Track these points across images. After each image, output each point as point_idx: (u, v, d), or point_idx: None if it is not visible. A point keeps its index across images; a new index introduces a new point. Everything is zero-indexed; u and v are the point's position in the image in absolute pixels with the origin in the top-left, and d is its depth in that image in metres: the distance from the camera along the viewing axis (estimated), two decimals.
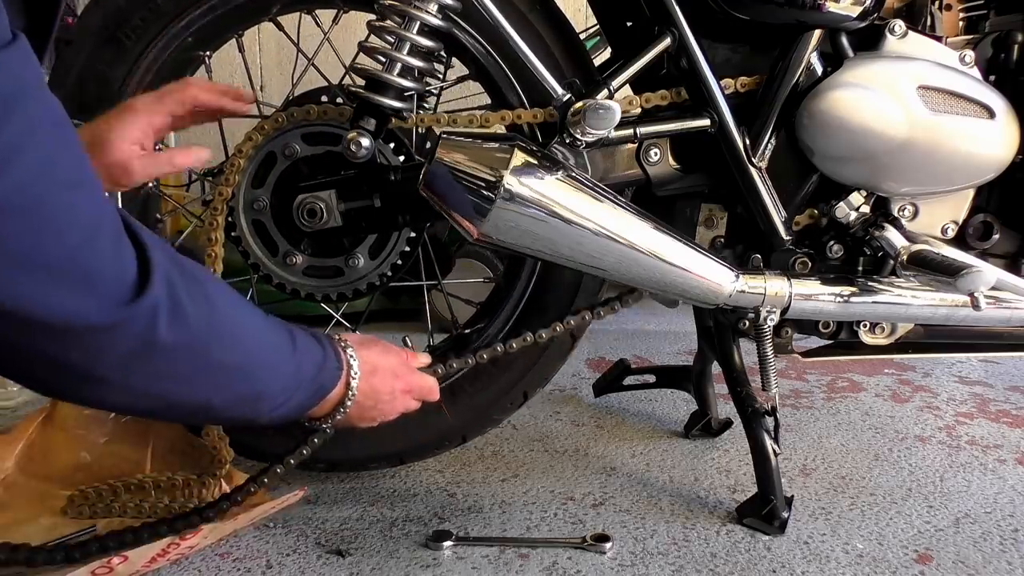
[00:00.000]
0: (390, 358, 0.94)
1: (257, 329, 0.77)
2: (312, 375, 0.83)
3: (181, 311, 0.66)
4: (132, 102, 0.97)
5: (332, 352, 0.86)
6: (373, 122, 1.01)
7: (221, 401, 0.74)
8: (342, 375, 0.86)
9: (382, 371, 0.92)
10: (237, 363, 0.73)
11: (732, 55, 1.08)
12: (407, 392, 0.96)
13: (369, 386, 0.89)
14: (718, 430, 1.44)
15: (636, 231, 0.98)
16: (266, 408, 0.78)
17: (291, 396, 0.80)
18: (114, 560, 0.92)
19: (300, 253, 1.10)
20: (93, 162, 0.93)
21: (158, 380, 0.68)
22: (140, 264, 0.63)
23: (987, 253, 1.11)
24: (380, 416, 0.94)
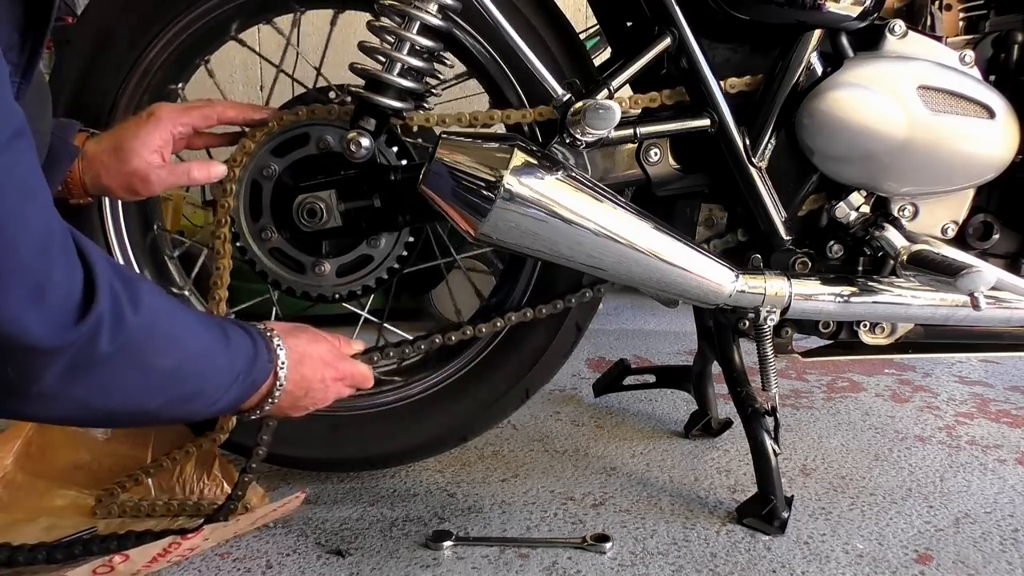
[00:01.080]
0: (319, 346, 0.94)
1: (193, 330, 0.77)
2: (245, 369, 0.83)
3: (123, 322, 0.66)
4: (156, 111, 0.97)
5: (263, 343, 0.85)
6: (373, 122, 1.01)
7: (160, 405, 0.74)
8: (272, 366, 0.86)
9: (311, 359, 0.91)
10: (175, 366, 0.74)
11: (732, 55, 1.08)
12: (339, 380, 0.96)
13: (299, 375, 0.89)
14: (718, 430, 1.44)
15: (636, 231, 0.98)
16: (203, 406, 0.79)
17: (227, 392, 0.81)
18: (115, 559, 0.92)
19: (326, 259, 1.10)
20: (113, 170, 0.94)
21: (98, 392, 0.68)
22: (86, 278, 0.63)
23: (987, 253, 1.11)
24: (312, 404, 0.94)
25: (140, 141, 0.94)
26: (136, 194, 0.97)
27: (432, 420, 1.20)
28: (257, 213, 1.09)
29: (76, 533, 1.03)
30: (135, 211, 1.16)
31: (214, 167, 1.01)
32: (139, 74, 1.09)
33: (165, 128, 0.96)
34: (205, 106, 1.01)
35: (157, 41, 1.08)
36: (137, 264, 1.16)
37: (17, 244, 0.58)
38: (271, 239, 1.09)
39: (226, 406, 0.83)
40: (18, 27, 0.63)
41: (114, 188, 0.96)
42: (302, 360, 0.90)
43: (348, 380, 0.98)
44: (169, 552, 0.96)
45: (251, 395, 0.85)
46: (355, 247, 1.10)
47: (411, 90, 1.02)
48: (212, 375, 0.79)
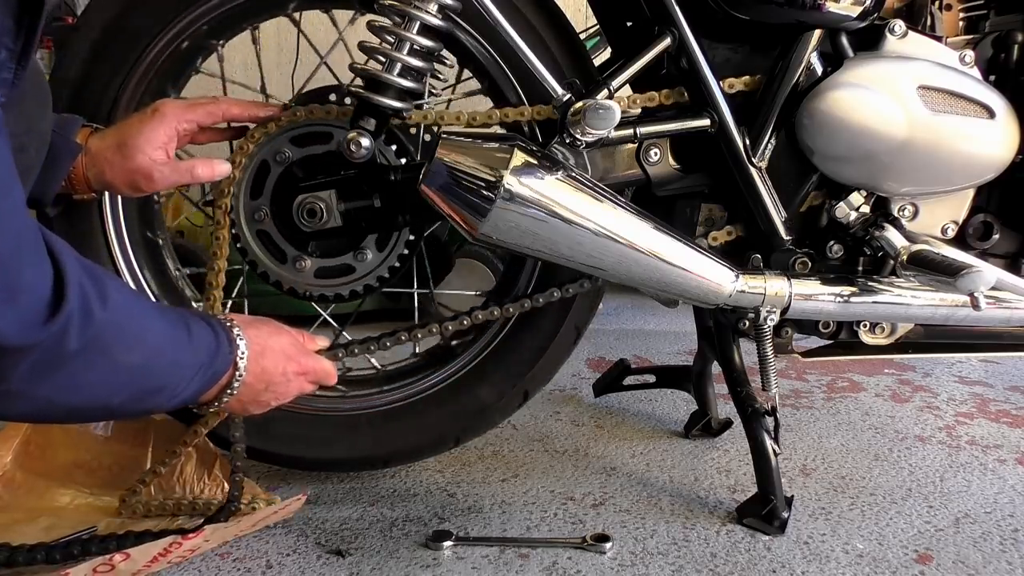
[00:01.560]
0: (281, 338, 0.92)
1: (157, 325, 0.77)
2: (207, 361, 0.82)
3: (91, 320, 0.66)
4: (161, 107, 0.97)
5: (224, 335, 0.85)
6: (373, 122, 1.01)
7: (122, 400, 0.74)
8: (232, 357, 0.85)
9: (272, 352, 0.90)
10: (141, 362, 0.74)
11: (732, 55, 1.08)
12: (301, 374, 0.95)
13: (259, 367, 0.88)
14: (718, 430, 1.44)
15: (636, 231, 0.98)
16: (164, 400, 0.79)
17: (188, 384, 0.80)
18: (116, 557, 0.92)
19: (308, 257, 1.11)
20: (117, 166, 0.94)
21: (64, 389, 0.68)
22: (56, 277, 0.63)
23: (987, 253, 1.11)
24: (273, 399, 0.93)
25: (144, 138, 0.94)
26: (139, 191, 0.97)
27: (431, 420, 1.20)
28: (257, 192, 1.09)
29: (75, 533, 1.03)
30: (135, 208, 1.16)
31: (218, 165, 1.01)
32: (139, 74, 1.09)
33: (170, 125, 0.96)
34: (210, 103, 1.01)
35: (158, 40, 1.08)
36: (136, 260, 1.16)
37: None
38: (262, 221, 1.09)
39: (186, 398, 0.82)
40: (12, 12, 0.62)
41: (117, 184, 0.96)
42: (263, 352, 0.89)
43: (311, 376, 0.97)
44: (169, 552, 0.96)
45: (211, 387, 0.84)
46: (343, 254, 1.11)
47: (411, 90, 1.02)
48: (175, 369, 0.79)
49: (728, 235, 1.11)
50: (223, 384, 0.86)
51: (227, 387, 0.86)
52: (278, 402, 0.95)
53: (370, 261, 1.11)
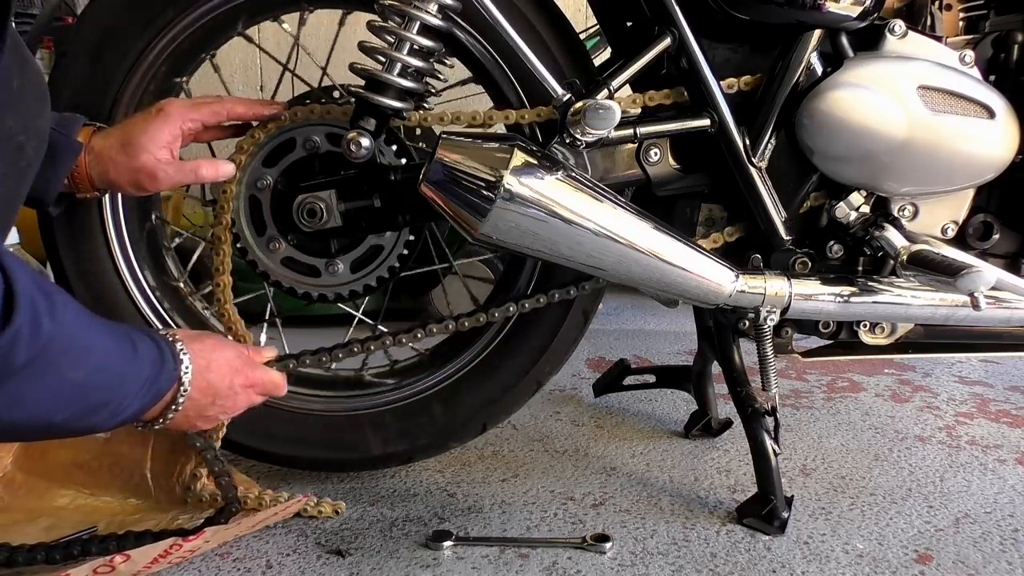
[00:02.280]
0: (226, 352, 0.91)
1: (103, 339, 0.76)
2: (152, 376, 0.81)
3: (39, 334, 0.66)
4: (166, 106, 0.97)
5: (168, 351, 0.84)
6: (373, 122, 1.01)
7: (66, 417, 0.73)
8: (177, 373, 0.84)
9: (218, 365, 0.89)
10: (86, 378, 0.73)
11: (732, 55, 1.08)
12: (249, 387, 0.94)
13: (205, 381, 0.87)
14: (718, 430, 1.44)
15: (636, 231, 0.98)
16: (107, 417, 0.78)
17: (132, 402, 0.79)
18: (116, 559, 0.92)
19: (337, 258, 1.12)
20: (121, 165, 0.94)
21: (8, 404, 0.67)
22: (6, 291, 0.63)
23: (987, 253, 1.11)
24: (222, 413, 0.92)
25: (148, 137, 0.94)
26: (143, 190, 0.97)
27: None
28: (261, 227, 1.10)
29: (75, 533, 1.03)
30: (135, 207, 1.16)
31: (222, 166, 1.01)
32: (140, 73, 1.09)
33: (174, 124, 0.96)
34: (214, 102, 1.01)
35: (159, 40, 1.08)
36: (136, 259, 1.16)
37: None
38: (279, 249, 1.10)
39: (130, 416, 0.81)
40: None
41: (121, 183, 0.96)
42: (208, 366, 0.87)
43: (259, 388, 0.96)
44: (170, 553, 0.96)
45: (155, 403, 0.83)
46: (362, 242, 1.11)
47: (411, 90, 1.02)
48: (121, 384, 0.78)
49: (728, 236, 1.11)
50: (168, 400, 0.84)
51: (172, 403, 0.85)
52: (227, 416, 0.94)
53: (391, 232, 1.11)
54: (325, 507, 1.13)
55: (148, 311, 1.17)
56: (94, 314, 0.77)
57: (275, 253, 1.11)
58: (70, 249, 1.13)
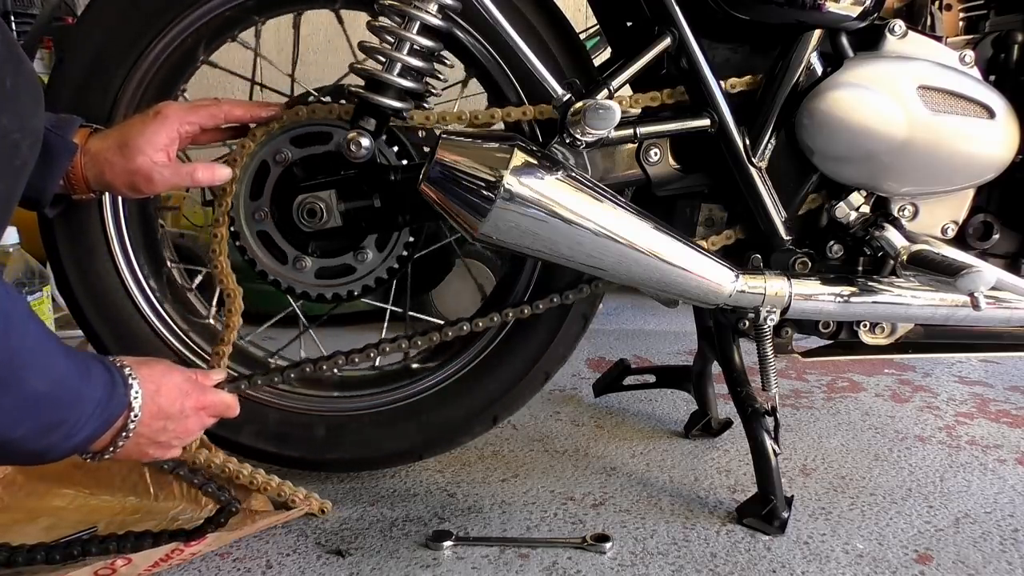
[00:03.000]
0: (174, 376, 0.91)
1: (59, 356, 0.75)
2: (104, 399, 0.80)
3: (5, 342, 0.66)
4: (163, 109, 0.97)
5: (118, 376, 0.83)
6: (373, 122, 1.01)
7: (26, 431, 0.73)
8: (127, 399, 0.83)
9: (167, 389, 0.88)
10: (46, 390, 0.73)
11: (732, 55, 1.08)
12: (200, 409, 0.94)
13: (155, 406, 0.86)
14: (718, 430, 1.44)
15: (636, 231, 0.98)
16: (61, 437, 0.77)
17: (85, 424, 0.79)
18: (117, 562, 0.93)
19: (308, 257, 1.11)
20: (117, 167, 0.94)
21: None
22: None
23: (987, 253, 1.11)
24: (175, 437, 0.91)
25: (145, 139, 0.94)
26: (139, 192, 0.97)
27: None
28: (257, 193, 1.09)
29: (75, 533, 1.03)
30: (135, 208, 1.16)
31: (219, 170, 1.01)
32: (140, 73, 1.09)
33: (172, 127, 0.96)
34: (212, 105, 1.01)
35: (159, 40, 1.08)
36: (136, 261, 1.16)
37: None
38: (262, 220, 1.09)
39: (81, 441, 0.80)
40: None
41: (117, 185, 0.96)
42: (158, 391, 0.87)
43: (210, 410, 0.96)
44: (171, 557, 0.97)
45: (105, 430, 0.82)
46: (343, 253, 1.10)
47: (411, 90, 1.02)
48: (78, 403, 0.77)
49: (727, 240, 1.11)
50: (118, 427, 0.83)
51: (122, 429, 0.83)
52: (179, 441, 0.93)
53: (370, 260, 1.11)
54: (313, 503, 1.13)
55: (148, 311, 1.16)
56: (48, 330, 0.77)
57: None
58: (70, 249, 1.12)
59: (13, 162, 0.76)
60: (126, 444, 0.85)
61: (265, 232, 1.10)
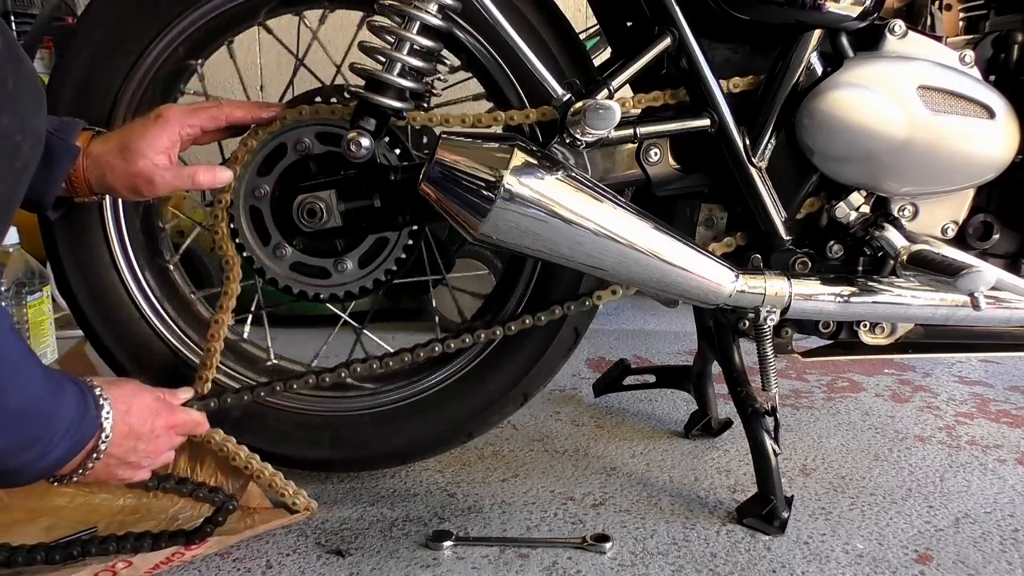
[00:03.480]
0: (144, 396, 0.91)
1: (36, 372, 0.75)
2: (76, 420, 0.80)
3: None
4: (165, 112, 0.97)
5: (89, 395, 0.83)
6: (373, 122, 1.01)
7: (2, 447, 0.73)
8: (98, 421, 0.83)
9: (138, 409, 0.88)
10: (23, 407, 0.73)
11: (732, 55, 1.08)
12: (171, 427, 0.94)
13: (126, 426, 0.86)
14: (718, 430, 1.44)
15: (636, 231, 0.98)
16: (37, 455, 0.77)
17: (59, 442, 0.78)
18: (118, 564, 0.93)
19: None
20: (118, 170, 0.94)
21: None
22: None
23: (987, 253, 1.11)
24: (145, 457, 0.91)
25: (146, 142, 0.94)
26: (140, 195, 0.97)
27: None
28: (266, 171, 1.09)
29: (75, 533, 1.03)
30: (135, 208, 1.16)
31: (219, 172, 1.01)
32: (141, 73, 1.09)
33: (173, 130, 0.96)
34: (213, 107, 1.01)
35: (160, 39, 1.08)
36: (136, 261, 1.16)
37: None
38: (260, 198, 1.09)
39: (54, 461, 0.79)
40: None
41: (118, 188, 0.96)
42: (129, 410, 0.87)
43: (180, 428, 0.96)
44: (172, 560, 0.97)
45: (77, 452, 0.81)
46: (325, 256, 1.11)
47: (411, 90, 1.02)
48: (52, 422, 0.77)
49: (727, 247, 1.11)
50: (90, 448, 0.83)
51: (93, 451, 0.83)
52: (151, 462, 0.92)
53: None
54: (300, 501, 1.12)
55: (148, 311, 1.16)
56: (30, 348, 0.77)
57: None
58: (70, 249, 1.13)
59: (14, 163, 0.76)
60: (96, 465, 0.84)
61: (258, 209, 1.10)
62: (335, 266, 1.11)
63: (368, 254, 1.11)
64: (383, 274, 1.12)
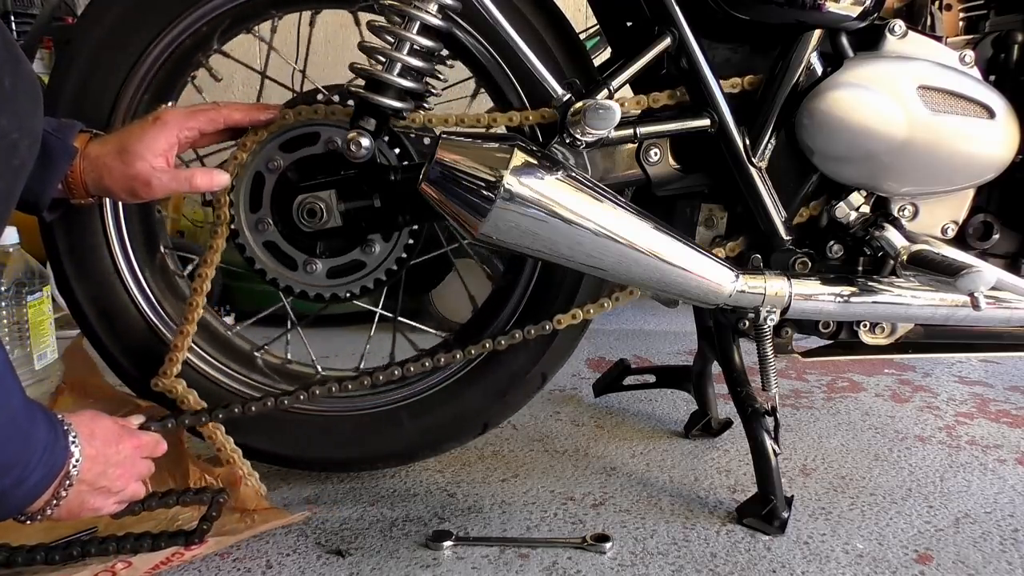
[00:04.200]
0: (103, 420, 0.89)
1: (15, 394, 0.74)
2: (51, 443, 0.79)
3: None
4: (163, 115, 0.97)
5: (55, 421, 0.81)
6: (373, 122, 1.01)
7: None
8: (68, 448, 0.81)
9: (102, 432, 0.87)
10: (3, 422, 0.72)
11: (732, 55, 1.08)
12: (138, 448, 0.93)
13: (94, 449, 0.84)
14: (718, 430, 1.44)
15: (636, 231, 0.98)
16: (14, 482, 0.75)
17: (35, 468, 0.77)
18: (118, 565, 0.93)
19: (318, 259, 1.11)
20: (116, 172, 0.94)
21: None
22: None
23: (987, 253, 1.11)
24: (116, 481, 0.88)
25: (145, 145, 0.94)
26: (137, 197, 0.97)
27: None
28: (257, 205, 1.09)
29: (75, 534, 1.03)
30: (136, 211, 1.16)
31: (217, 176, 1.01)
32: (140, 73, 1.09)
33: (171, 132, 0.96)
34: (211, 109, 1.01)
35: (159, 40, 1.08)
36: (137, 264, 1.16)
37: None
38: (266, 231, 1.09)
39: (30, 489, 0.78)
40: None
41: (116, 190, 0.96)
42: (93, 433, 0.85)
43: (144, 449, 0.94)
44: (171, 561, 0.97)
45: (51, 480, 0.79)
46: (350, 251, 1.10)
47: (411, 90, 1.02)
48: (28, 446, 0.76)
49: (731, 252, 1.11)
50: (62, 476, 0.80)
51: (66, 477, 0.81)
52: (121, 486, 0.89)
53: (379, 252, 1.11)
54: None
55: (148, 311, 1.16)
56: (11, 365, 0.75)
57: None
58: (70, 249, 1.13)
59: (11, 162, 0.76)
60: (69, 494, 0.82)
61: (272, 242, 1.10)
62: (364, 252, 1.10)
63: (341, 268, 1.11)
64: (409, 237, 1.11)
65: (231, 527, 1.06)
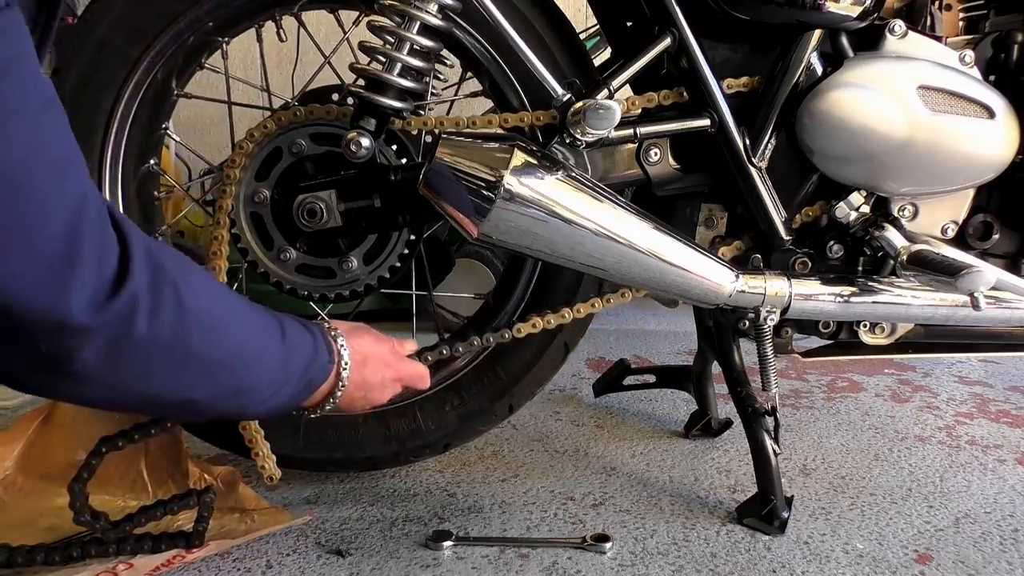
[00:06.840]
0: (382, 347, 0.94)
1: (242, 321, 0.75)
2: (302, 368, 0.81)
3: (161, 304, 0.64)
4: None
5: (323, 343, 0.84)
6: (373, 122, 1.01)
7: (204, 396, 0.72)
8: (333, 367, 0.85)
9: (373, 361, 0.91)
10: (220, 357, 0.72)
11: (732, 55, 1.08)
12: (397, 379, 0.96)
13: (360, 377, 0.89)
14: (718, 430, 1.44)
15: (636, 231, 0.98)
16: (252, 402, 0.77)
17: (279, 389, 0.79)
18: (119, 567, 0.93)
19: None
20: None
21: (137, 376, 0.65)
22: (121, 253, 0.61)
23: (987, 253, 1.11)
24: (368, 404, 0.95)
25: None
26: None
27: None
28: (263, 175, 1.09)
29: (76, 535, 1.03)
30: (135, 208, 1.16)
31: None
32: (140, 73, 1.09)
33: None
34: None
35: (158, 41, 1.08)
36: None
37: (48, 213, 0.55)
38: (260, 203, 1.09)
39: (279, 405, 0.81)
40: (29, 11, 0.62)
41: None
42: (364, 362, 0.90)
43: (405, 380, 0.98)
44: (172, 563, 0.97)
45: (308, 395, 0.84)
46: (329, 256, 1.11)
47: (411, 90, 1.02)
48: (262, 371, 0.77)
49: (731, 252, 1.11)
50: (325, 392, 0.86)
51: (329, 395, 0.87)
52: (371, 406, 0.96)
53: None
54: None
55: None
56: (238, 295, 0.77)
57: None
58: None
59: None
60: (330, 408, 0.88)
61: (259, 215, 1.10)
62: (340, 265, 1.11)
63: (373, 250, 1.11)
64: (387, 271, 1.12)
65: (231, 527, 1.06)
